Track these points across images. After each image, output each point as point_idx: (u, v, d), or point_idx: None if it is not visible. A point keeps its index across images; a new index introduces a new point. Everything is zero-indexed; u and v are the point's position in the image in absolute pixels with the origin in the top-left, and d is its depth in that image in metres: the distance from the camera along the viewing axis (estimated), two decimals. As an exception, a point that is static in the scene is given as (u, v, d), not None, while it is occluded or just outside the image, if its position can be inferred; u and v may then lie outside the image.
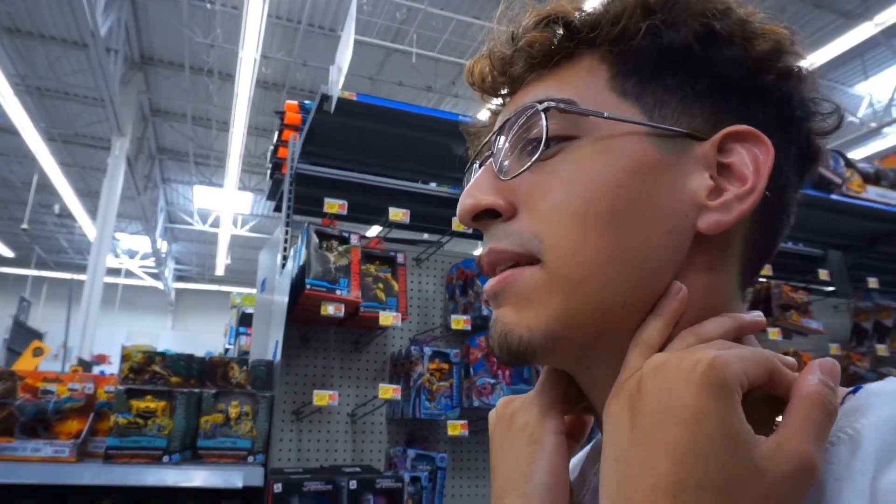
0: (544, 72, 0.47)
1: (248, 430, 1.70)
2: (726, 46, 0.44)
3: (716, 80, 0.44)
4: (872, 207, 2.96)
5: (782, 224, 0.47)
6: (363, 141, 2.46)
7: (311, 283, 1.84)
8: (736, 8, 0.45)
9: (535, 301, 0.42)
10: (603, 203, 0.42)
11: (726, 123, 0.44)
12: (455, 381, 2.18)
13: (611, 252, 0.41)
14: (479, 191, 0.45)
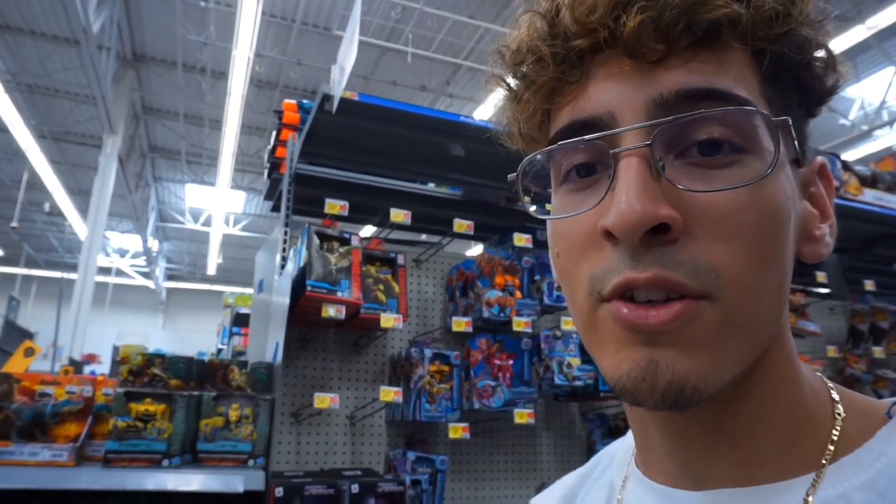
0: (703, 49, 0.39)
1: (249, 433, 1.68)
2: (832, 71, 0.42)
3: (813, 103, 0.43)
4: (869, 210, 2.97)
5: None
6: (363, 141, 2.44)
7: (312, 284, 1.82)
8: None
9: (709, 346, 0.37)
10: (782, 235, 0.39)
11: (805, 147, 0.43)
12: (455, 383, 2.16)
13: (778, 288, 0.39)
14: (649, 199, 0.36)
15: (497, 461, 2.45)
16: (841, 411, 0.42)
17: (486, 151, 2.44)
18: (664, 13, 0.37)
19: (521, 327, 2.17)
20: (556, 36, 0.41)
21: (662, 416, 0.43)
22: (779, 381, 0.42)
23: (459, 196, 2.79)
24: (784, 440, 0.41)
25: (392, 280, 2.24)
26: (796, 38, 0.40)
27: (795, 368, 0.43)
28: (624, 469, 0.51)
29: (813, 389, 0.43)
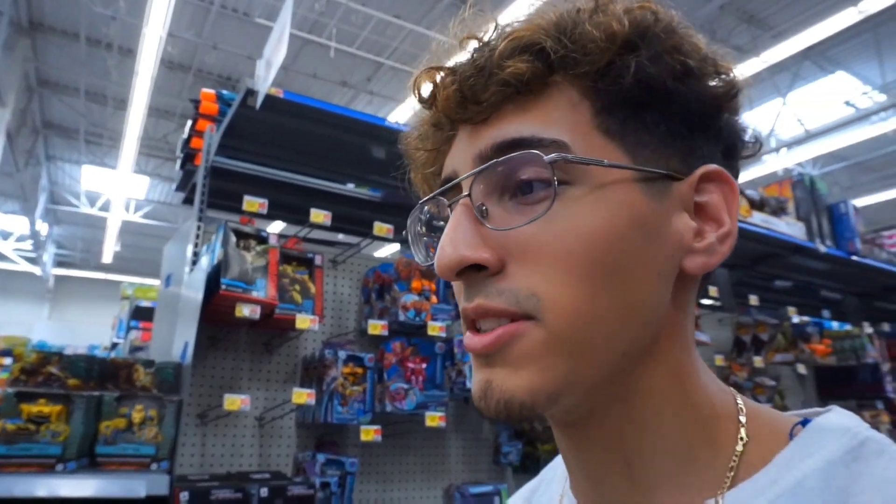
0: (520, 100, 0.43)
1: (153, 435, 1.61)
2: (698, 83, 0.44)
3: (686, 118, 0.44)
4: (756, 231, 3.25)
5: None
6: (284, 138, 2.40)
7: (227, 283, 1.78)
8: (700, 43, 0.45)
9: (534, 363, 0.40)
10: (607, 258, 0.40)
11: (696, 163, 0.44)
12: (368, 385, 2.17)
13: (613, 306, 0.40)
14: (462, 243, 0.41)
15: (406, 463, 2.48)
16: (744, 435, 0.43)
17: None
18: (465, 83, 0.44)
19: (436, 332, 2.21)
20: (434, 122, 0.50)
21: (564, 433, 0.45)
22: (662, 401, 0.43)
23: (379, 198, 2.80)
24: (679, 463, 0.42)
25: (309, 280, 2.22)
26: (622, 67, 0.42)
27: (685, 389, 0.43)
28: (563, 485, 0.53)
29: (714, 411, 0.44)
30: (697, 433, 0.43)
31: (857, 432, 0.41)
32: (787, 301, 3.99)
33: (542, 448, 2.62)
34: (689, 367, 0.45)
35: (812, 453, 0.40)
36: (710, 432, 0.43)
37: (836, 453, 0.40)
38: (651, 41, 0.42)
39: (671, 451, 0.43)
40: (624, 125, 0.43)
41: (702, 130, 0.45)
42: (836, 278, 4.49)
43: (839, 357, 3.80)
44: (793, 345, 3.58)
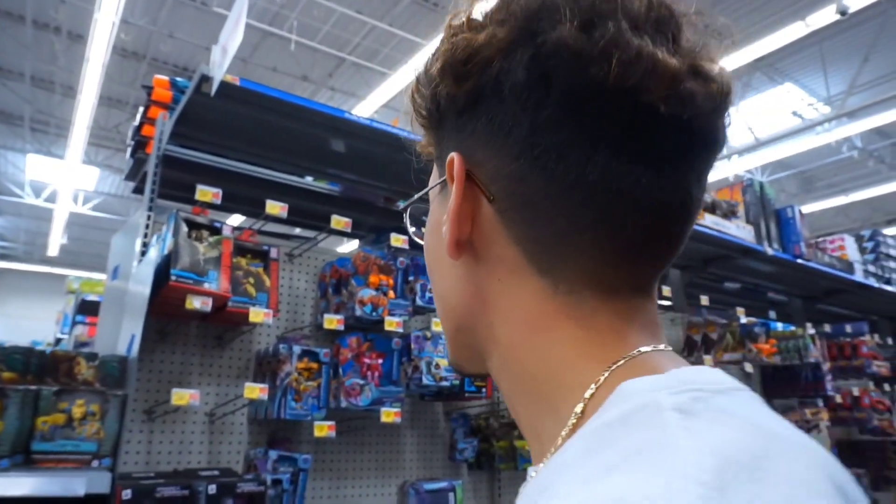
0: None
1: (95, 431, 1.54)
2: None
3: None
4: (708, 234, 3.33)
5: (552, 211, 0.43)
6: (240, 127, 2.34)
7: (178, 274, 1.72)
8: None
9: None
10: (430, 247, 0.53)
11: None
12: (323, 381, 2.14)
13: (442, 290, 0.52)
14: None
15: (361, 460, 2.45)
16: (578, 409, 0.40)
17: (367, 149, 2.44)
18: None
19: (393, 327, 2.19)
20: None
21: None
22: (502, 374, 0.48)
23: (338, 192, 2.76)
24: (532, 429, 0.45)
25: (263, 273, 2.17)
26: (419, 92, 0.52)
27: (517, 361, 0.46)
28: None
29: (559, 382, 0.43)
30: (538, 404, 0.44)
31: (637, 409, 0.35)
32: (735, 302, 4.10)
33: (498, 445, 2.63)
34: (519, 342, 0.46)
35: (604, 414, 0.37)
36: (552, 403, 0.43)
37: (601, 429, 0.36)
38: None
39: (524, 419, 0.47)
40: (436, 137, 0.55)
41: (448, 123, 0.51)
42: (781, 281, 4.64)
43: (784, 356, 3.94)
44: (741, 344, 3.69)
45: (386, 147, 2.41)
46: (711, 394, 0.36)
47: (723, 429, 0.33)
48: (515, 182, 0.44)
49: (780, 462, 0.31)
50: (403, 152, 1.47)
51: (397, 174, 2.70)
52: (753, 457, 0.31)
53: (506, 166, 0.44)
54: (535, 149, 0.42)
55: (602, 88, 0.40)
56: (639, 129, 0.42)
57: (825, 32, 9.25)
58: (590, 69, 0.40)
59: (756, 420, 0.35)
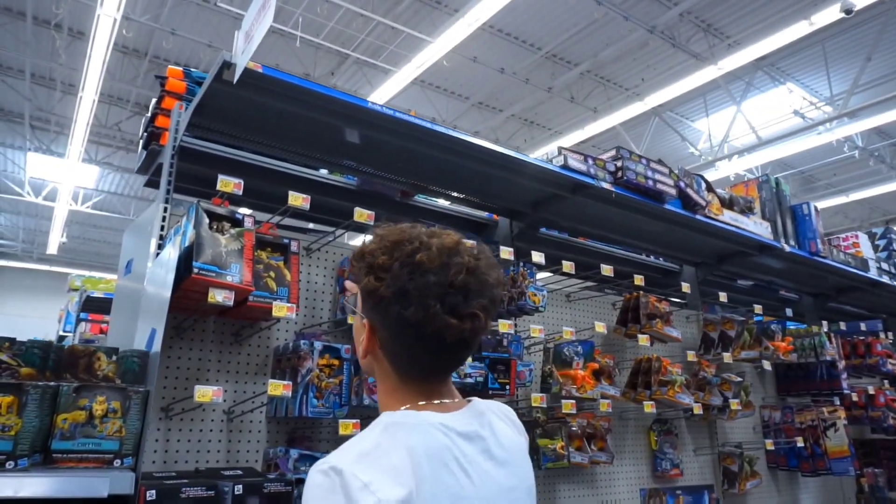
0: None
1: (117, 429, 1.48)
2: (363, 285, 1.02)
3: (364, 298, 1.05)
4: (726, 229, 3.28)
5: (398, 354, 1.03)
6: (257, 118, 2.28)
7: (200, 266, 1.66)
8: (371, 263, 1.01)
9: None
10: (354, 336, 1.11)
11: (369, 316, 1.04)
12: (345, 377, 2.08)
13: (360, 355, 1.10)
14: None
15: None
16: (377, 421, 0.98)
17: (386, 140, 2.38)
18: None
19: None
20: None
21: None
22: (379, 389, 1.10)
23: (354, 185, 2.70)
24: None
25: (284, 267, 2.11)
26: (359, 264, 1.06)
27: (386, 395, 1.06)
28: None
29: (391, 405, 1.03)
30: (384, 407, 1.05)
31: (376, 422, 0.98)
32: (746, 300, 4.06)
33: (540, 442, 2.57)
34: (384, 384, 1.07)
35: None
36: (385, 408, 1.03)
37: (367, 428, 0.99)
38: (358, 258, 1.05)
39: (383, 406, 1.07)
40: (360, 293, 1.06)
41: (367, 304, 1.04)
42: (793, 278, 4.60)
43: (800, 354, 3.89)
44: (757, 342, 3.64)
45: (405, 138, 2.35)
46: (408, 425, 0.95)
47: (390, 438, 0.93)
48: (389, 339, 1.01)
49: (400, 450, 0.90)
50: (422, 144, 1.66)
51: (415, 166, 2.65)
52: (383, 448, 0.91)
53: (384, 332, 1.01)
54: (397, 336, 1.00)
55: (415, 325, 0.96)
56: (437, 341, 0.97)
57: (828, 32, 9.23)
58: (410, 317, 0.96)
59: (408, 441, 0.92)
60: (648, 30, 9.27)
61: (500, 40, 9.69)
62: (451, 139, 2.33)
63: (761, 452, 3.81)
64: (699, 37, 9.74)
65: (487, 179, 2.73)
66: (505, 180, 2.69)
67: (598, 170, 2.70)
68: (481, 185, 2.83)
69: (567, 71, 10.58)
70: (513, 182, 2.71)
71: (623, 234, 3.50)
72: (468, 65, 9.93)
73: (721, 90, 10.86)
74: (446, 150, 2.44)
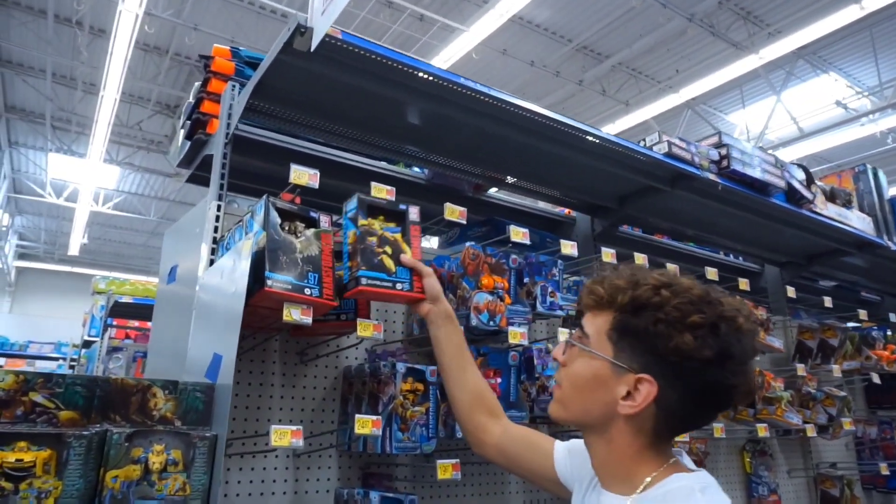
0: (591, 308, 1.12)
1: (180, 487, 1.16)
2: (658, 341, 1.01)
3: (648, 351, 1.03)
4: (832, 225, 2.91)
5: (679, 416, 1.05)
6: (319, 98, 1.95)
7: (274, 277, 1.34)
8: (681, 318, 1.00)
9: (556, 405, 1.15)
10: (579, 384, 1.10)
11: (648, 371, 1.01)
12: (432, 405, 1.75)
13: (581, 404, 1.10)
14: (559, 349, 1.17)
15: (463, 494, 2.06)
16: (649, 478, 1.03)
17: (466, 122, 2.03)
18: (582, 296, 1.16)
19: (517, 339, 1.79)
20: None
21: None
22: (618, 449, 1.07)
23: (424, 179, 2.37)
24: (622, 478, 1.07)
25: (402, 240, 1.60)
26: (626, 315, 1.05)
27: (623, 451, 1.07)
28: None
29: (638, 468, 1.05)
30: (623, 472, 1.07)
31: (681, 487, 1.00)
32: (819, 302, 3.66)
33: None
34: (631, 449, 1.06)
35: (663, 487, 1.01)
36: (631, 475, 1.05)
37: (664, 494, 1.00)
38: (642, 310, 1.03)
39: (619, 472, 1.08)
40: (618, 339, 1.06)
41: (658, 362, 1.02)
42: (880, 278, 4.20)
43: None
44: (857, 351, 3.26)
45: (491, 120, 2.02)
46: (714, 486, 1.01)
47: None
48: (677, 400, 1.02)
49: None
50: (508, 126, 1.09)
51: (491, 153, 2.31)
52: None
53: (674, 392, 1.02)
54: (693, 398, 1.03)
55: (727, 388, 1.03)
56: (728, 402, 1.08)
57: (877, 17, 8.77)
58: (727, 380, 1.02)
59: None
60: (688, 18, 8.87)
61: (530, 32, 9.37)
62: (539, 118, 1.99)
63: (857, 473, 3.44)
64: (738, 25, 9.34)
65: (572, 169, 2.38)
66: (593, 169, 2.34)
67: (702, 159, 2.34)
68: (564, 176, 2.48)
69: (598, 63, 10.23)
70: (602, 172, 2.36)
71: (706, 230, 3.13)
72: (498, 58, 9.62)
73: (760, 80, 10.44)
74: (530, 133, 2.10)
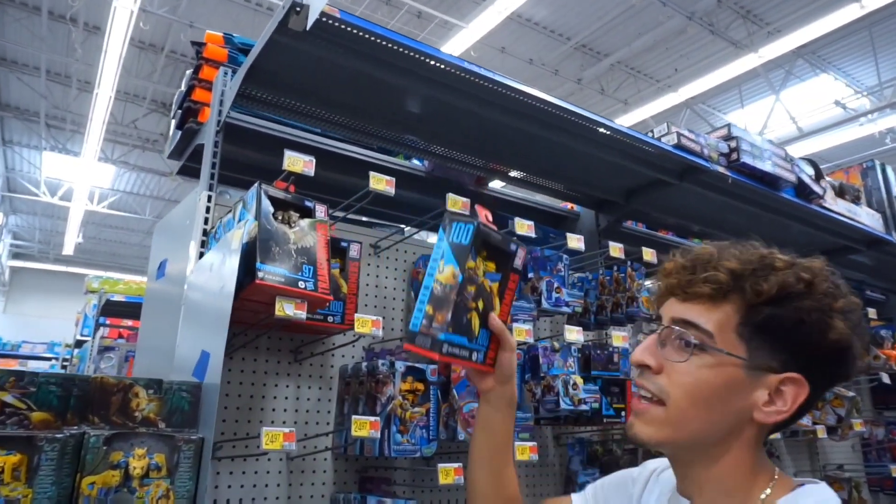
0: (703, 298, 0.88)
1: (162, 494, 1.07)
2: (814, 334, 0.83)
3: (795, 347, 0.84)
4: (842, 222, 2.83)
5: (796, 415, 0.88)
6: (314, 83, 1.86)
7: (266, 269, 1.26)
8: (832, 304, 0.83)
9: (653, 426, 0.88)
10: (704, 395, 0.86)
11: (790, 368, 0.84)
12: (432, 406, 1.67)
13: (702, 420, 0.86)
14: (645, 353, 0.90)
15: (462, 501, 1.98)
16: (768, 490, 0.86)
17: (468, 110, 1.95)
18: (679, 282, 0.91)
19: (522, 337, 1.71)
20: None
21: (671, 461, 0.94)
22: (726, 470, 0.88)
23: (424, 171, 2.29)
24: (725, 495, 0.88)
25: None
26: (766, 307, 0.84)
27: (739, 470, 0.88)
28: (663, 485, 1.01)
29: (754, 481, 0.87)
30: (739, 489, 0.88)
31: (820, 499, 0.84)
32: None
33: None
34: (748, 461, 0.88)
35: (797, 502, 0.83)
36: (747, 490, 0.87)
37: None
38: (787, 299, 0.83)
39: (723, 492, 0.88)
40: (753, 335, 0.85)
41: (807, 355, 0.84)
42: (886, 277, 4.13)
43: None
44: (865, 351, 3.18)
45: (496, 109, 1.94)
46: None
47: None
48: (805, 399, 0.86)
49: None
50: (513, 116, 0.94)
51: (493, 144, 2.23)
52: None
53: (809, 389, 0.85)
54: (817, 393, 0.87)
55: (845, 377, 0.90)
56: None
57: (876, 16, 8.73)
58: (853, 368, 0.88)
59: None
60: (687, 16, 8.81)
61: (528, 30, 9.31)
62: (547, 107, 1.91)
63: (864, 475, 3.37)
64: (738, 24, 9.30)
65: (579, 161, 2.30)
66: (601, 162, 2.26)
67: (712, 151, 2.27)
68: (570, 169, 2.40)
69: (597, 62, 10.17)
70: (610, 164, 2.28)
71: (713, 226, 3.06)
72: (496, 55, 9.54)
73: (759, 79, 10.41)
74: (536, 122, 2.02)
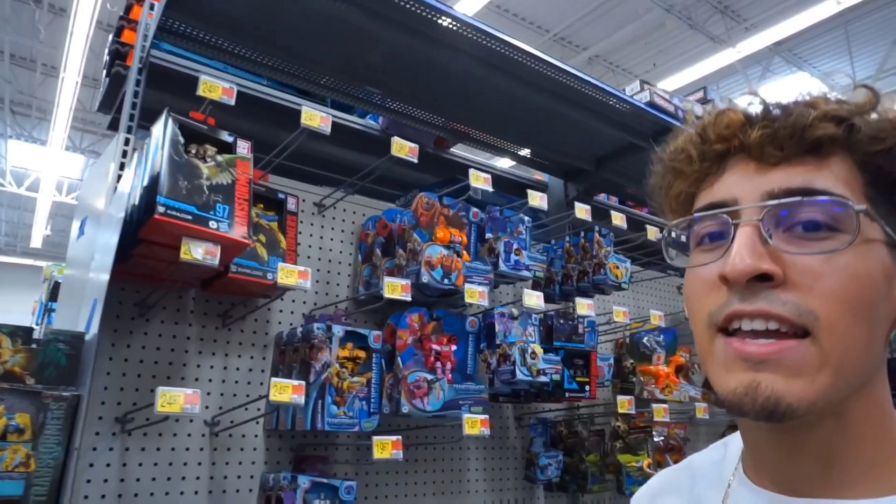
0: (808, 157, 0.54)
1: (21, 461, 0.89)
2: None
3: None
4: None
5: None
6: (246, 16, 1.69)
7: (168, 204, 1.08)
8: None
9: (804, 375, 0.49)
10: (869, 298, 0.51)
11: None
12: (374, 375, 1.50)
13: (867, 340, 0.51)
14: (755, 255, 0.50)
15: (413, 482, 1.82)
16: None
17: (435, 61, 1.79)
18: (779, 131, 0.54)
19: (476, 299, 1.55)
20: (704, 142, 0.59)
21: (772, 434, 0.55)
22: (865, 423, 0.53)
23: (378, 130, 2.12)
24: (871, 468, 0.53)
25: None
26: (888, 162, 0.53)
27: (884, 416, 0.54)
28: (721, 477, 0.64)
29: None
30: (889, 448, 0.54)
31: None
32: None
33: (589, 459, 2.01)
34: (887, 401, 0.56)
35: None
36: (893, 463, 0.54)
37: None
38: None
39: (867, 460, 0.54)
40: (884, 199, 0.54)
41: None
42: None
43: None
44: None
45: (462, 56, 1.78)
46: None
47: None
48: None
49: None
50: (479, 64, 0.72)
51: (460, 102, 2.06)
52: None
53: None
54: None
55: None
56: None
57: (852, 13, 8.78)
58: None
59: None
60: (666, 9, 8.77)
61: (506, 21, 9.19)
62: (513, 52, 1.75)
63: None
64: (716, 19, 9.29)
65: (547, 120, 2.15)
66: (569, 121, 2.11)
67: (687, 113, 2.13)
68: (538, 130, 2.24)
69: (575, 55, 10.09)
70: (579, 125, 2.14)
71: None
72: (475, 45, 9.41)
73: (736, 75, 10.42)
74: (501, 71, 1.86)
